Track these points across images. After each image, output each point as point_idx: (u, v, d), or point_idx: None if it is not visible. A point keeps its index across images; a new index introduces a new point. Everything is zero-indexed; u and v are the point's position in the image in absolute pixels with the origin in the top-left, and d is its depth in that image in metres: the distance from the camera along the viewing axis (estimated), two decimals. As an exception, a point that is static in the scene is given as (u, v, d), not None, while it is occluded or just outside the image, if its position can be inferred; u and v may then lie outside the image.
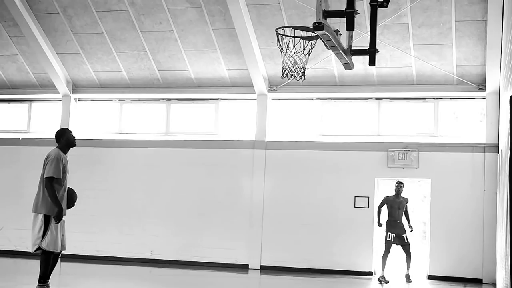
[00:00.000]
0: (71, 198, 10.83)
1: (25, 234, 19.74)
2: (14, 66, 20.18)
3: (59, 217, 10.23)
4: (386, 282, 15.77)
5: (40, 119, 20.86)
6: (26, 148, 20.26)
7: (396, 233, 16.21)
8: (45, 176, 10.27)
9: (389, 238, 16.18)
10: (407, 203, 16.59)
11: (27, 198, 19.80)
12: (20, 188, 20.08)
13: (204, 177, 18.73)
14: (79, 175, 19.69)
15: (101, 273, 16.16)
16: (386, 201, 16.52)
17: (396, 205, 16.40)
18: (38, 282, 10.24)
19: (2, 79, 20.58)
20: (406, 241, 16.26)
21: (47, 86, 20.34)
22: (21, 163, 20.24)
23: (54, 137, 10.90)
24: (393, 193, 16.57)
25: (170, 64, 18.89)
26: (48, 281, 10.40)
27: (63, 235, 10.64)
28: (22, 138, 20.50)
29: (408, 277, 16.19)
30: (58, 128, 11.27)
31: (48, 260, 10.26)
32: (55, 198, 10.20)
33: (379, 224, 16.50)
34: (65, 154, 10.74)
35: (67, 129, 11.02)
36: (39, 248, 10.22)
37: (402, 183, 16.59)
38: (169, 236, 18.79)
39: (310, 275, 17.10)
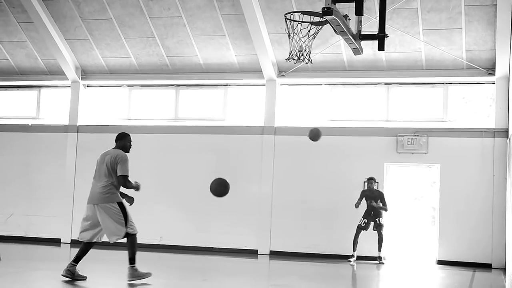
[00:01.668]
0: None
1: (34, 220, 19.94)
2: (23, 53, 20.20)
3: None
4: (351, 259, 16.61)
5: (49, 105, 20.88)
6: (35, 134, 20.31)
7: (370, 220, 16.85)
8: (120, 174, 11.11)
9: (360, 222, 16.88)
10: (382, 196, 17.01)
11: (36, 184, 20.02)
12: (29, 174, 20.17)
13: (213, 163, 18.74)
14: (87, 161, 19.74)
15: (110, 258, 16.20)
16: (363, 194, 17.00)
17: (370, 198, 16.92)
18: (129, 264, 10.92)
19: (11, 65, 20.61)
20: (378, 222, 16.85)
21: (56, 72, 20.36)
22: (30, 150, 20.30)
23: (115, 138, 11.89)
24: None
25: (179, 50, 18.88)
26: (76, 265, 11.04)
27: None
28: (31, 125, 20.54)
29: (380, 259, 16.69)
30: (120, 131, 12.20)
31: (135, 242, 11.00)
32: (137, 188, 11.22)
33: (357, 205, 16.93)
34: None
35: (128, 135, 12.01)
36: (126, 235, 10.93)
37: (373, 179, 17.07)
38: (178, 222, 18.84)
39: (319, 260, 17.13)
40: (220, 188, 10.99)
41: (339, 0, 10.57)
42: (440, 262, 17.08)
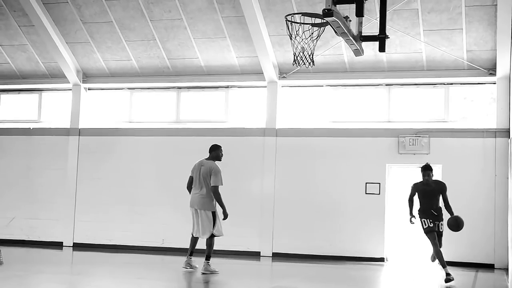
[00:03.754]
0: None
1: (36, 224, 19.96)
2: (24, 56, 20.22)
3: (227, 215, 13.78)
4: (450, 279, 13.15)
5: (51, 109, 20.90)
6: (37, 137, 20.33)
7: (434, 219, 13.55)
8: (213, 185, 13.70)
9: (425, 225, 13.51)
10: (443, 189, 13.74)
11: (38, 187, 20.03)
12: (31, 177, 20.18)
13: (214, 165, 18.71)
14: (90, 164, 19.79)
15: (113, 261, 16.23)
16: (415, 188, 13.71)
17: (427, 194, 13.62)
18: (206, 259, 13.52)
19: (12, 69, 20.63)
20: (438, 229, 13.69)
21: (57, 76, 20.38)
22: (32, 153, 20.31)
23: (209, 149, 14.33)
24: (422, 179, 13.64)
25: (180, 53, 18.89)
26: (192, 257, 13.95)
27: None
28: (32, 128, 20.55)
29: (448, 276, 13.31)
30: (213, 143, 14.58)
31: (213, 243, 13.64)
32: (222, 201, 13.69)
33: (411, 218, 13.69)
34: None
35: (220, 146, 14.34)
36: (211, 235, 13.64)
37: (429, 169, 13.53)
38: (180, 224, 18.78)
39: (322, 262, 17.13)
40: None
41: (339, 2, 10.56)
42: (442, 263, 17.05)
